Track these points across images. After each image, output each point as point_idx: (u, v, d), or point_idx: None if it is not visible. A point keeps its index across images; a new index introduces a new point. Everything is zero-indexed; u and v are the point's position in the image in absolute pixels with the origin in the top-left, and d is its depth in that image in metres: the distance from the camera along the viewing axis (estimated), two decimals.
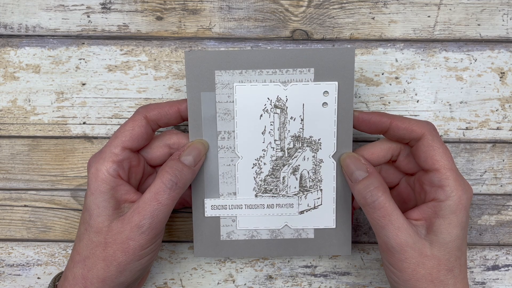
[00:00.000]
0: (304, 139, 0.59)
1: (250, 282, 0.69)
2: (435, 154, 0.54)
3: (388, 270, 0.56)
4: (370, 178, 0.55)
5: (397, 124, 0.56)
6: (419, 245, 0.53)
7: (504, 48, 0.65)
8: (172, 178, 0.54)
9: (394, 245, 0.53)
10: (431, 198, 0.55)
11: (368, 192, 0.54)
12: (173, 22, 0.66)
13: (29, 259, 0.69)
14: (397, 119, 0.57)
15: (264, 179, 0.60)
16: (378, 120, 0.57)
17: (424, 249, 0.52)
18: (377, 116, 0.58)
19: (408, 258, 0.53)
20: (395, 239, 0.52)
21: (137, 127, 0.56)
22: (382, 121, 0.57)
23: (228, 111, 0.59)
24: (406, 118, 0.57)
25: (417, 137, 0.56)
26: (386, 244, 0.54)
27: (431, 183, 0.55)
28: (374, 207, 0.53)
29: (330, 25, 0.65)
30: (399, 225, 0.53)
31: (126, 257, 0.53)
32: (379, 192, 0.53)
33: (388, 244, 0.53)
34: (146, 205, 0.53)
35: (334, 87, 0.57)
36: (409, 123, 0.56)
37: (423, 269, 0.52)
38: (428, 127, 0.56)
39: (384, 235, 0.53)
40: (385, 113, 0.58)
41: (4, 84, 0.66)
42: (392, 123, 0.57)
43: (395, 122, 0.57)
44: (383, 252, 0.55)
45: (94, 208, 0.54)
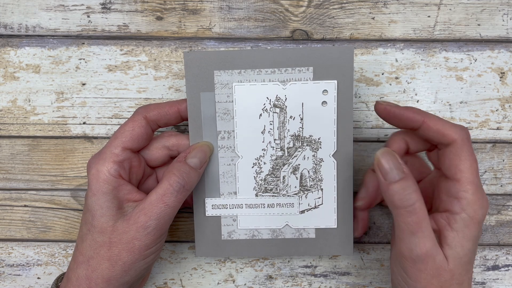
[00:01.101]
0: (304, 138, 0.59)
1: (250, 282, 0.69)
2: (460, 164, 0.52)
3: (400, 277, 0.54)
4: (408, 180, 0.51)
5: (429, 125, 0.54)
6: (440, 257, 0.51)
7: (504, 48, 0.65)
8: (180, 181, 0.54)
9: (420, 254, 0.51)
10: (445, 208, 0.53)
11: (407, 195, 0.50)
12: (173, 22, 0.66)
13: (29, 259, 0.69)
14: (431, 119, 0.54)
15: (264, 179, 0.60)
16: (411, 116, 0.55)
17: (443, 262, 0.51)
18: (410, 113, 0.55)
19: (428, 269, 0.51)
20: (421, 248, 0.51)
21: (137, 128, 0.56)
22: (415, 118, 0.55)
23: (228, 111, 0.59)
24: (440, 120, 0.54)
25: (447, 142, 0.53)
26: (411, 252, 0.52)
27: (448, 192, 0.53)
28: (410, 211, 0.50)
29: (330, 25, 0.65)
30: (428, 234, 0.51)
31: (132, 257, 0.53)
32: (417, 196, 0.51)
33: (413, 252, 0.51)
34: (152, 207, 0.53)
35: (333, 86, 0.57)
36: (443, 126, 0.53)
37: (438, 281, 0.51)
38: (461, 134, 0.53)
39: (411, 242, 0.51)
40: (419, 110, 0.55)
41: (4, 84, 0.66)
42: (424, 122, 0.54)
43: (427, 121, 0.54)
44: (402, 259, 0.53)
45: (97, 208, 0.54)
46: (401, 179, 0.51)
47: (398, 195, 0.51)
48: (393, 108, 0.56)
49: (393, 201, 0.51)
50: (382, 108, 0.57)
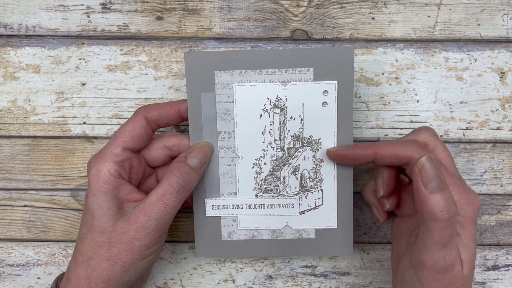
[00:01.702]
0: (304, 138, 0.59)
1: (250, 282, 0.69)
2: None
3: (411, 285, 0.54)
4: (448, 191, 0.50)
5: (381, 154, 0.54)
6: (458, 266, 0.51)
7: (504, 48, 0.65)
8: (180, 181, 0.54)
9: (444, 265, 0.50)
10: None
11: (448, 207, 0.49)
12: (173, 22, 0.66)
13: (29, 259, 0.69)
14: (381, 148, 0.55)
15: (264, 179, 0.60)
16: (361, 153, 0.55)
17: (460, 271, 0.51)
18: (360, 150, 0.56)
19: (446, 278, 0.51)
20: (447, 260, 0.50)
21: (137, 128, 0.56)
22: (366, 153, 0.55)
23: (228, 111, 0.59)
24: (390, 144, 0.54)
25: (406, 162, 0.53)
26: (435, 263, 0.50)
27: None
28: (449, 224, 0.49)
29: (330, 25, 0.65)
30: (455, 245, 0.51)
31: (131, 257, 0.53)
32: (455, 208, 0.50)
33: (438, 263, 0.50)
34: (152, 207, 0.53)
35: (333, 87, 0.57)
36: (394, 149, 0.54)
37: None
38: (413, 149, 0.53)
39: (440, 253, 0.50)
40: (368, 144, 0.56)
41: (4, 84, 0.66)
42: (376, 153, 0.55)
43: (379, 152, 0.54)
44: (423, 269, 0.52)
45: (97, 208, 0.54)
46: (442, 189, 0.49)
47: (439, 207, 0.49)
48: (343, 151, 0.57)
49: (433, 212, 0.49)
50: (333, 154, 0.58)
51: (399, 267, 0.57)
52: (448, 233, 0.49)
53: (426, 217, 0.50)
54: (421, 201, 0.50)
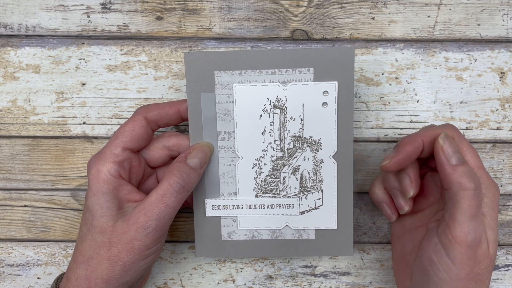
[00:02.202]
0: (304, 139, 0.59)
1: (250, 282, 0.69)
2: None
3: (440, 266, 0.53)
4: (469, 165, 0.53)
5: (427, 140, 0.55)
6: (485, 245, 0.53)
7: (504, 48, 0.65)
8: (180, 181, 0.54)
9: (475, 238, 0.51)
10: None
11: (474, 177, 0.52)
12: (173, 22, 0.66)
13: (29, 259, 0.70)
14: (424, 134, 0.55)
15: (264, 179, 0.60)
16: (412, 148, 0.55)
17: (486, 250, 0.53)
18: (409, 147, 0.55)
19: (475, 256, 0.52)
20: (477, 232, 0.51)
21: (137, 128, 0.56)
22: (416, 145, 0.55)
23: (228, 112, 0.59)
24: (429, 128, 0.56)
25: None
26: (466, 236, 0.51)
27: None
28: (477, 194, 0.51)
29: (330, 25, 0.65)
30: (482, 220, 0.52)
31: (131, 257, 0.53)
32: (479, 182, 0.52)
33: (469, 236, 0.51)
34: (152, 207, 0.53)
35: (334, 87, 0.57)
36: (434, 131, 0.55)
37: (478, 268, 0.52)
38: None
39: (470, 225, 0.51)
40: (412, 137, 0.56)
41: (4, 84, 0.66)
42: (423, 140, 0.55)
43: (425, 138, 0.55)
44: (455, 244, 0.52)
45: (97, 208, 0.54)
46: (465, 163, 0.52)
47: (467, 177, 0.51)
48: (398, 158, 0.55)
49: (462, 183, 0.51)
50: (390, 166, 0.56)
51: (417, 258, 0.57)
52: (476, 203, 0.51)
53: (455, 189, 0.52)
54: (448, 174, 0.52)
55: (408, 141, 0.55)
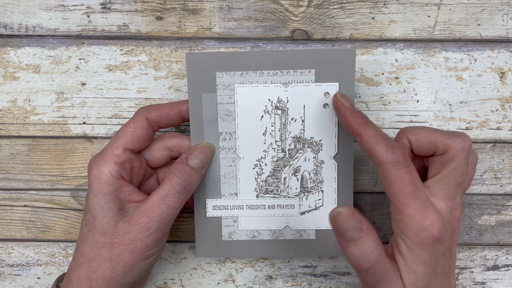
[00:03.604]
0: (305, 140, 0.59)
1: (250, 282, 0.69)
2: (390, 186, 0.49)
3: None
4: (366, 240, 0.48)
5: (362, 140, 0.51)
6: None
7: (504, 48, 0.65)
8: (182, 182, 0.54)
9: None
10: (393, 229, 0.51)
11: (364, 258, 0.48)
12: (173, 22, 0.66)
13: (29, 259, 0.69)
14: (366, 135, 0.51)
15: (265, 180, 0.60)
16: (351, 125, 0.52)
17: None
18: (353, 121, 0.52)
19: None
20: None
21: (138, 128, 0.56)
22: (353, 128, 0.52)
23: (229, 112, 0.59)
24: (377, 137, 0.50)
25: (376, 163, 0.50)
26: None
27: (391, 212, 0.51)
28: (370, 272, 0.48)
29: (330, 25, 0.65)
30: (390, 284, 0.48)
31: (133, 258, 0.53)
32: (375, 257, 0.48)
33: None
34: (154, 208, 0.53)
35: (335, 88, 0.58)
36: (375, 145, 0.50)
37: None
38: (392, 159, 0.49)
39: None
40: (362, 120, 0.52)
41: (4, 84, 0.66)
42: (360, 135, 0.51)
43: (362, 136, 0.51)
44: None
45: (98, 209, 0.54)
46: (360, 240, 0.48)
47: (355, 259, 0.48)
48: (341, 107, 0.54)
49: (352, 263, 0.49)
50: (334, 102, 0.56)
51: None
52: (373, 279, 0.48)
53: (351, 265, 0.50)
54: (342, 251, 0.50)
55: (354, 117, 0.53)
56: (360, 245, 0.48)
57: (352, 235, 0.48)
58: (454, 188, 0.50)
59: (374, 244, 0.48)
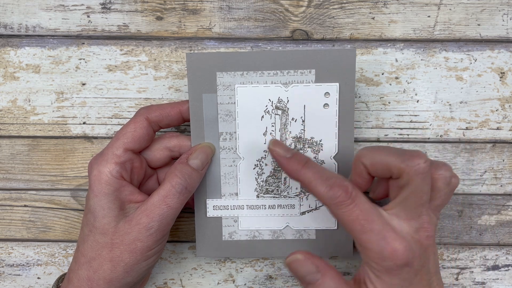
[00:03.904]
0: (306, 140, 0.59)
1: (250, 282, 0.69)
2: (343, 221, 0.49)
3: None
4: (324, 281, 0.50)
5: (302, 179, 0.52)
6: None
7: (504, 48, 0.65)
8: (182, 182, 0.54)
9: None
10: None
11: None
12: (173, 22, 0.66)
13: (29, 259, 0.69)
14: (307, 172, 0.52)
15: (265, 180, 0.60)
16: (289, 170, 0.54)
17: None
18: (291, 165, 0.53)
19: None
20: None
21: (138, 129, 0.56)
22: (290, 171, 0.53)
23: (230, 113, 0.59)
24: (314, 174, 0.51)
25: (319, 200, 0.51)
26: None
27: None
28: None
29: (330, 25, 0.65)
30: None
31: (134, 258, 0.53)
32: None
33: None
34: (155, 208, 0.53)
35: (335, 88, 0.58)
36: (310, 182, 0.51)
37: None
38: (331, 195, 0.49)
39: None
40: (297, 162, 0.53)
41: (4, 84, 0.66)
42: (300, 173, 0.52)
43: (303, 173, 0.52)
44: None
45: (99, 210, 0.54)
46: (317, 282, 0.50)
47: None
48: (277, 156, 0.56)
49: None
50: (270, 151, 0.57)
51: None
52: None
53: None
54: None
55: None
56: (319, 286, 0.50)
57: (310, 279, 0.51)
58: (416, 209, 0.49)
59: (334, 282, 0.50)
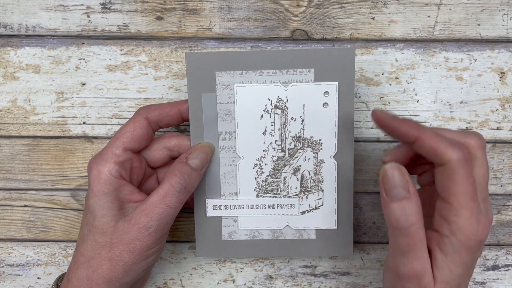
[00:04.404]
0: (305, 139, 0.59)
1: (250, 282, 0.69)
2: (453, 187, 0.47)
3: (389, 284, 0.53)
4: (411, 201, 0.48)
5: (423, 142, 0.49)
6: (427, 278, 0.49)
7: (504, 48, 0.65)
8: (181, 182, 0.54)
9: (406, 273, 0.49)
10: (437, 228, 0.50)
11: (404, 216, 0.47)
12: (173, 22, 0.66)
13: (29, 259, 0.69)
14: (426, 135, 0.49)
15: (265, 179, 0.60)
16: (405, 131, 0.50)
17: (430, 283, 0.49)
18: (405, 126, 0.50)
19: (411, 286, 0.50)
20: (409, 268, 0.49)
21: (138, 128, 0.56)
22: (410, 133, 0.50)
23: (229, 112, 0.59)
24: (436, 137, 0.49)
25: (442, 162, 0.48)
26: (397, 269, 0.50)
27: (440, 213, 0.49)
28: (405, 233, 0.48)
29: (330, 25, 0.65)
30: (420, 255, 0.48)
31: (133, 257, 0.53)
32: (416, 219, 0.47)
33: (400, 270, 0.50)
34: (154, 207, 0.53)
35: (334, 88, 0.58)
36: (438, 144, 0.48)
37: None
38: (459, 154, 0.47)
39: (400, 261, 0.50)
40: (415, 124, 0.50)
41: (4, 84, 0.66)
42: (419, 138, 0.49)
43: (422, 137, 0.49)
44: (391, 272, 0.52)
45: (99, 209, 0.54)
46: (404, 199, 0.48)
47: (395, 216, 0.48)
48: (388, 120, 0.52)
49: (390, 220, 0.49)
50: (376, 117, 0.53)
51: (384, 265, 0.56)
52: (405, 242, 0.48)
53: (387, 224, 0.50)
54: (382, 208, 0.50)
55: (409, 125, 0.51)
56: (403, 204, 0.48)
57: (398, 193, 0.48)
58: (485, 188, 0.50)
59: (417, 208, 0.48)
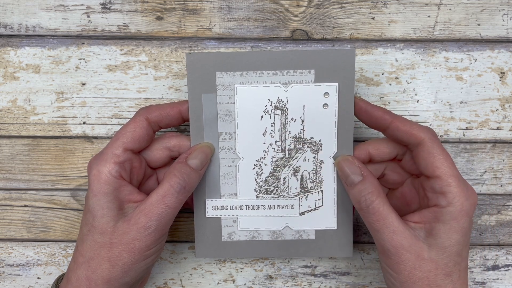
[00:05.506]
0: (305, 140, 0.59)
1: (250, 282, 0.69)
2: (435, 161, 0.53)
3: (386, 272, 0.56)
4: (365, 182, 0.55)
5: (397, 125, 0.55)
6: (415, 247, 0.52)
7: (504, 48, 0.65)
8: (181, 182, 0.54)
9: (390, 247, 0.53)
10: (433, 204, 0.54)
11: (362, 197, 0.54)
12: (173, 22, 0.66)
13: (29, 259, 0.69)
14: (399, 120, 0.56)
15: (265, 180, 0.60)
16: (380, 116, 0.56)
17: (421, 252, 0.52)
18: (379, 112, 0.57)
19: (404, 260, 0.52)
20: (390, 242, 0.52)
21: (138, 129, 0.56)
22: (384, 118, 0.56)
23: (229, 112, 0.59)
24: (408, 121, 0.56)
25: (416, 142, 0.55)
26: (383, 247, 0.54)
27: (433, 189, 0.54)
28: (369, 211, 0.54)
29: (330, 25, 0.65)
30: (394, 228, 0.52)
31: (132, 257, 0.53)
32: (373, 196, 0.54)
33: (384, 247, 0.53)
34: (153, 207, 0.53)
35: (334, 88, 0.58)
36: (410, 126, 0.55)
37: (420, 272, 0.52)
38: (428, 133, 0.54)
39: (379, 238, 0.54)
40: (388, 111, 0.57)
41: (4, 84, 0.66)
42: (393, 122, 0.56)
43: (395, 122, 0.56)
44: (381, 254, 0.55)
45: (98, 209, 0.54)
46: (359, 182, 0.55)
47: (356, 198, 0.55)
48: (365, 105, 0.58)
49: (354, 204, 0.56)
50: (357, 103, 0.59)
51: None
52: (373, 219, 0.54)
53: (356, 209, 0.57)
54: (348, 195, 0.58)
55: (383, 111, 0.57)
56: (359, 187, 0.55)
57: (352, 179, 0.56)
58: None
59: (373, 185, 0.55)
